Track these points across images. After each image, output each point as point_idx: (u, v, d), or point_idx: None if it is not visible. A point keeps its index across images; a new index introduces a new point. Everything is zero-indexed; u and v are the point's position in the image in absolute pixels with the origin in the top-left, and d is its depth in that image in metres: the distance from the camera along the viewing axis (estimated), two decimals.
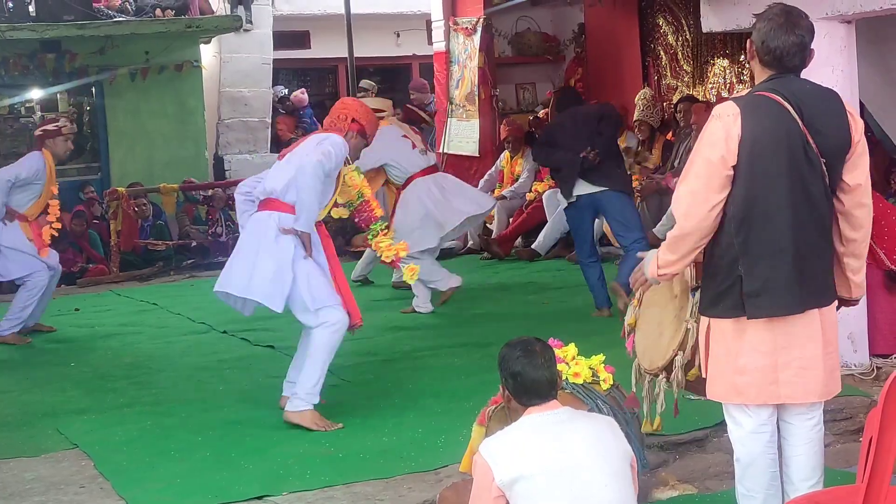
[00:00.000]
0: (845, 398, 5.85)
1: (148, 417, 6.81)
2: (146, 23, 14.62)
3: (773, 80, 4.17)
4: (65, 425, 6.71)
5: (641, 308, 4.73)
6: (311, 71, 19.09)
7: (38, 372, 8.24)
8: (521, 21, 14.23)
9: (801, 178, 4.06)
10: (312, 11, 17.54)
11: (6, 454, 6.22)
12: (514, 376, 3.87)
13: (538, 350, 3.94)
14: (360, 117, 6.83)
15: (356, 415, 6.58)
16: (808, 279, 4.10)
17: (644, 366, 4.66)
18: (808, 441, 4.26)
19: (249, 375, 7.75)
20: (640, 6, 12.56)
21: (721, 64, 11.61)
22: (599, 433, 3.82)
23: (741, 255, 4.08)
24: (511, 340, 4.02)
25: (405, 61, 18.98)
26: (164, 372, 8.01)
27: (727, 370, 4.17)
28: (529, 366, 3.86)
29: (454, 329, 8.83)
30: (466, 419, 5.14)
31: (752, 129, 4.03)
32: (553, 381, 3.93)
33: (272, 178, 6.62)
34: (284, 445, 6.08)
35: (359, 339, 8.55)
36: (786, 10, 4.20)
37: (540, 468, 3.67)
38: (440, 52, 14.16)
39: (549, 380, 3.90)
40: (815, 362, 4.14)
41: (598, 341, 5.46)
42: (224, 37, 16.29)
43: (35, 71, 14.24)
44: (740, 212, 4.06)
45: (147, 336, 9.35)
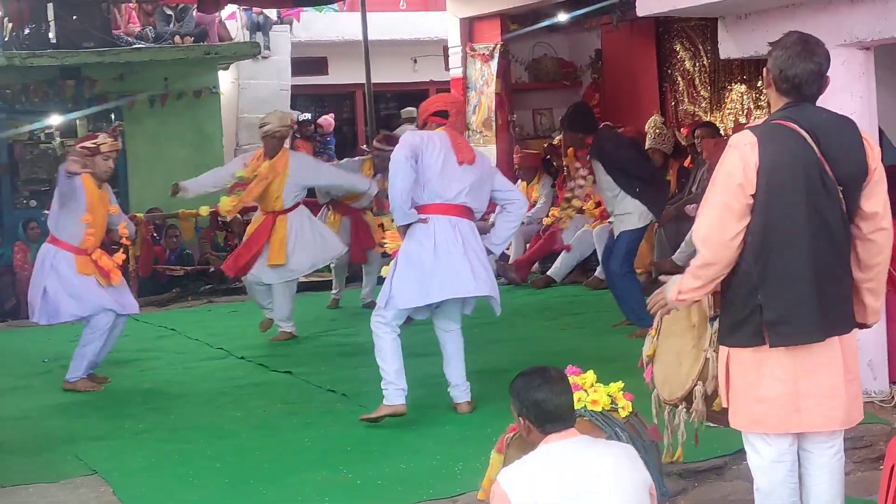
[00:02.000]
0: (865, 426, 5.81)
1: (166, 443, 6.82)
2: (165, 49, 14.72)
3: (789, 109, 4.17)
4: (83, 451, 6.71)
5: (660, 338, 4.72)
6: (329, 97, 19.17)
7: (56, 397, 8.25)
8: (538, 47, 14.28)
9: (818, 207, 4.06)
10: (330, 38, 17.64)
11: (25, 480, 6.22)
12: (535, 404, 3.86)
13: (555, 376, 3.94)
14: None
15: (374, 441, 6.58)
16: (828, 307, 4.10)
17: (664, 396, 4.64)
18: (828, 470, 4.24)
19: (267, 401, 7.75)
20: (657, 32, 12.59)
21: (738, 90, 11.63)
22: (618, 461, 3.81)
23: (760, 284, 4.07)
24: (525, 370, 4.01)
25: (422, 87, 19.03)
26: (183, 398, 8.02)
27: (747, 399, 4.16)
28: (551, 392, 3.85)
29: (470, 355, 8.76)
30: (484, 446, 5.13)
31: (770, 158, 4.03)
32: (572, 406, 3.93)
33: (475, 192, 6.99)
34: (302, 472, 6.07)
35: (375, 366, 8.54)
36: (803, 39, 4.20)
37: (558, 497, 3.66)
38: (457, 78, 14.21)
39: (569, 405, 3.90)
40: (836, 390, 4.12)
41: (616, 368, 5.44)
42: (242, 63, 16.39)
43: (55, 97, 14.33)
44: (758, 240, 4.06)
45: (165, 362, 9.36)
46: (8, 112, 14.36)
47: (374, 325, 7.03)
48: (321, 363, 8.85)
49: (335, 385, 7.99)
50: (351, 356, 9.10)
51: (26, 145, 14.98)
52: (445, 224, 6.91)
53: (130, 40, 14.83)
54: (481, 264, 6.96)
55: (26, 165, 14.88)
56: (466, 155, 6.97)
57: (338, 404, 7.54)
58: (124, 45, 14.51)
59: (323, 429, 6.93)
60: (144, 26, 15.43)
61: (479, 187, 7.03)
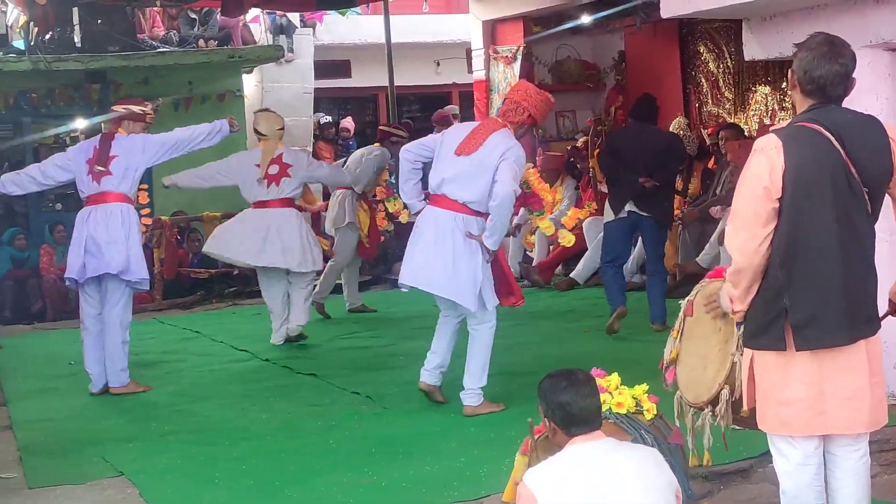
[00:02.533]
0: (891, 428, 5.75)
1: (192, 445, 6.85)
2: (189, 53, 14.79)
3: (814, 111, 4.15)
4: (110, 453, 6.75)
5: (682, 341, 4.70)
6: (352, 100, 19.20)
7: (83, 399, 8.30)
8: (562, 49, 14.26)
9: (844, 208, 4.05)
10: (353, 41, 17.67)
11: (52, 482, 6.26)
12: (561, 406, 3.86)
13: (582, 379, 3.94)
14: (536, 112, 7.15)
15: (398, 443, 6.59)
16: (855, 309, 4.08)
17: (688, 399, 4.64)
18: (854, 473, 4.23)
19: (292, 404, 7.77)
20: (680, 34, 12.57)
21: (763, 91, 11.60)
22: (643, 464, 3.80)
23: (786, 288, 4.06)
24: (551, 372, 4.02)
25: (445, 90, 19.06)
26: (208, 400, 8.05)
27: (772, 402, 4.15)
28: (577, 394, 3.86)
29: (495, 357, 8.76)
30: (509, 448, 5.13)
31: (795, 161, 4.02)
32: (599, 408, 3.93)
33: (461, 184, 6.97)
34: (328, 474, 6.09)
35: (399, 368, 8.60)
36: (828, 40, 4.19)
37: (584, 498, 3.66)
38: (480, 81, 14.21)
39: (596, 407, 3.90)
40: (861, 392, 4.11)
41: (640, 370, 5.43)
42: (266, 66, 16.43)
43: (80, 101, 14.41)
44: (785, 243, 4.05)
45: (190, 364, 9.39)
46: (33, 116, 14.44)
47: None
48: (345, 366, 8.88)
49: (359, 387, 8.01)
50: (375, 359, 9.12)
51: (52, 149, 15.00)
52: (427, 214, 7.18)
53: (155, 44, 14.90)
54: (449, 262, 6.98)
55: None
56: (467, 147, 6.98)
57: (362, 406, 7.56)
58: (149, 48, 14.59)
59: (348, 431, 6.95)
60: (169, 30, 15.50)
61: (469, 179, 6.95)
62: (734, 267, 4.15)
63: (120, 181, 8.20)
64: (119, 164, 8.20)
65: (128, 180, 8.23)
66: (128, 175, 8.23)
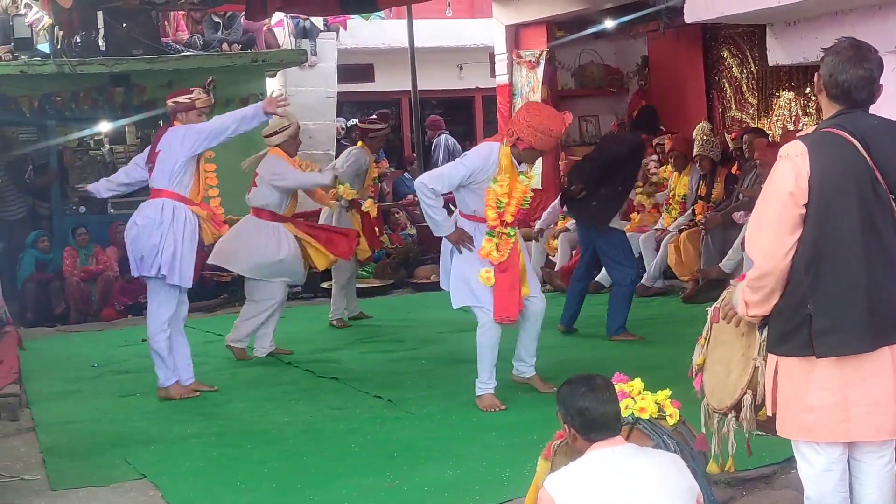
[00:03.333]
0: None
1: (214, 448, 6.87)
2: (213, 57, 14.81)
3: (839, 116, 4.14)
4: (133, 455, 6.78)
5: (709, 347, 4.70)
6: (375, 104, 19.20)
7: (105, 402, 8.34)
8: (585, 53, 14.26)
9: (869, 215, 4.03)
10: (376, 45, 17.68)
11: (75, 483, 6.30)
12: (581, 412, 3.86)
13: (601, 384, 3.94)
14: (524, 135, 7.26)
15: (419, 447, 6.60)
16: (879, 316, 4.06)
17: (713, 405, 4.62)
18: (879, 480, 4.20)
19: (314, 407, 7.78)
20: (704, 39, 12.55)
21: (786, 96, 11.57)
22: (664, 469, 3.80)
23: (811, 294, 4.04)
24: (570, 378, 4.02)
25: (468, 94, 19.06)
26: (231, 403, 8.07)
27: (796, 408, 4.13)
28: (596, 400, 3.86)
29: None
30: (531, 453, 5.13)
31: (821, 168, 4.01)
32: (618, 414, 3.93)
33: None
34: (349, 477, 6.10)
35: (421, 372, 8.61)
36: (855, 45, 4.18)
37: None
38: (503, 85, 14.22)
39: (615, 413, 3.90)
40: (886, 399, 4.09)
41: (663, 375, 5.42)
42: (289, 70, 16.45)
43: (104, 104, 14.44)
44: (810, 250, 4.03)
45: (213, 367, 9.41)
46: (58, 119, 14.48)
47: None
48: (367, 370, 8.89)
49: (381, 391, 8.01)
50: (397, 363, 9.13)
51: (75, 152, 15.09)
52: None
53: (179, 48, 14.95)
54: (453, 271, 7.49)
55: (75, 172, 14.99)
56: None
57: (384, 410, 7.56)
58: (173, 52, 14.62)
59: (370, 434, 6.96)
60: (193, 34, 15.54)
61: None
62: (758, 272, 4.13)
63: (161, 175, 8.19)
64: (161, 159, 8.21)
65: (166, 174, 8.17)
66: (165, 169, 8.17)
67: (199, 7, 14.51)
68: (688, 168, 11.69)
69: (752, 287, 4.18)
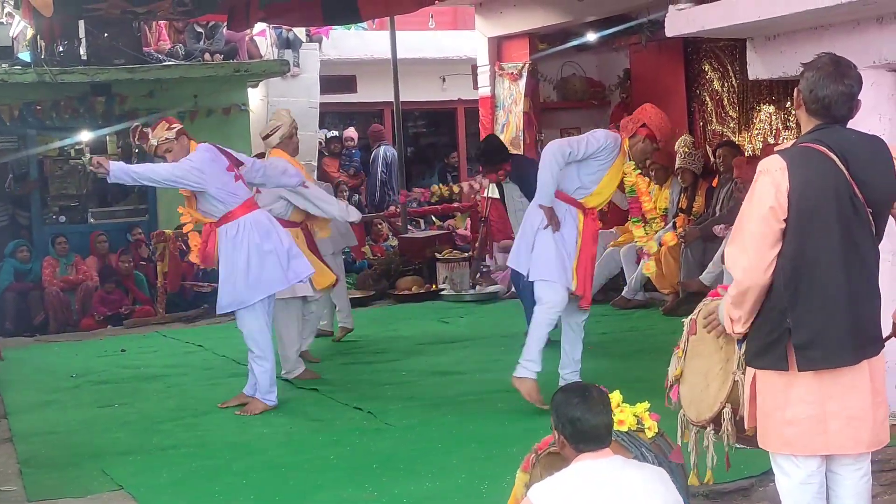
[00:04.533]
0: (892, 449, 5.76)
1: (193, 460, 6.85)
2: (195, 67, 14.82)
3: (818, 131, 4.16)
4: (110, 466, 6.75)
5: (686, 359, 4.70)
6: (358, 115, 19.22)
7: (84, 413, 8.30)
8: (567, 66, 14.28)
9: (848, 229, 4.05)
10: (359, 56, 17.69)
11: (52, 495, 6.27)
12: (572, 422, 3.86)
13: (595, 396, 3.94)
14: (651, 124, 7.66)
15: (399, 459, 6.59)
16: (858, 330, 4.08)
17: (691, 417, 4.63)
18: (856, 492, 4.22)
19: (293, 418, 7.77)
20: (685, 52, 12.58)
21: (767, 110, 11.60)
22: (650, 484, 3.80)
23: (790, 308, 4.06)
24: (566, 385, 4.03)
25: (450, 106, 19.07)
26: (210, 414, 8.05)
27: (775, 421, 4.14)
28: (588, 411, 3.85)
29: (499, 374, 8.79)
30: (510, 465, 5.13)
31: (800, 182, 4.02)
32: (610, 427, 3.92)
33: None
34: (328, 489, 6.09)
35: (403, 384, 8.60)
36: (835, 60, 4.19)
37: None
38: (485, 97, 14.23)
39: (606, 425, 3.90)
40: (864, 412, 4.11)
41: (642, 388, 5.42)
42: (271, 81, 16.45)
43: (85, 113, 14.42)
44: (789, 265, 4.05)
45: (193, 378, 9.39)
46: (38, 128, 14.46)
47: None
48: (348, 381, 8.87)
49: (361, 402, 8.00)
50: (378, 374, 9.11)
51: (56, 161, 15.08)
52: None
53: (161, 57, 14.93)
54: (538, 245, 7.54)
55: (56, 181, 14.99)
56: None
57: (364, 422, 7.55)
58: (154, 62, 14.61)
59: (349, 446, 6.95)
60: (175, 44, 15.53)
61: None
62: (738, 288, 4.14)
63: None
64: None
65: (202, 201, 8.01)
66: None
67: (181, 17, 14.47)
68: (669, 181, 11.72)
69: (734, 303, 4.19)
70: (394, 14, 13.66)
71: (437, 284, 13.34)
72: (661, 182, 11.74)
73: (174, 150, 7.88)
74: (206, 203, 7.91)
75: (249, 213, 7.92)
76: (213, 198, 7.84)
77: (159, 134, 7.89)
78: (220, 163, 7.90)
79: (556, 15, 12.76)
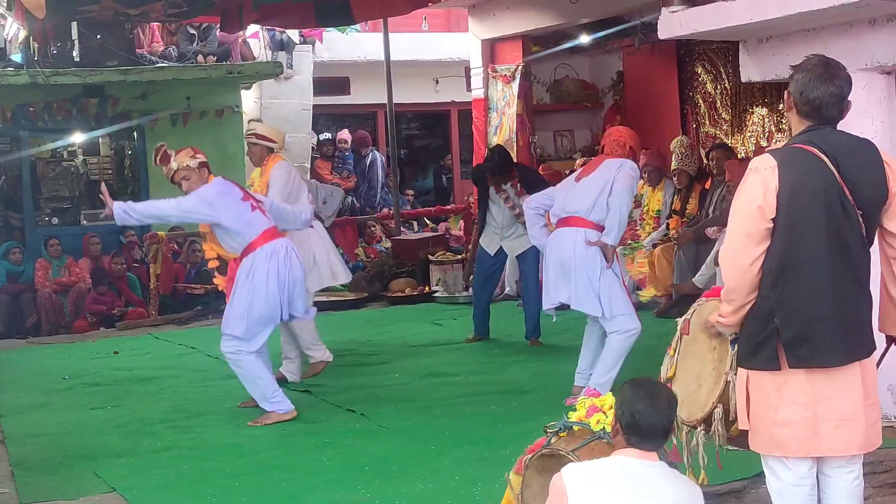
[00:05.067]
0: (885, 451, 5.77)
1: (185, 461, 6.83)
2: (188, 69, 14.81)
3: (809, 132, 4.17)
4: (103, 468, 6.73)
5: (679, 358, 4.71)
6: (351, 117, 19.22)
7: (76, 415, 8.29)
8: (560, 68, 14.30)
9: (838, 231, 4.06)
10: (353, 58, 17.69)
11: (45, 497, 6.25)
12: (632, 413, 3.85)
13: (663, 395, 3.93)
14: (634, 144, 7.99)
15: (392, 461, 6.58)
16: (848, 331, 4.09)
17: (682, 417, 4.64)
18: (847, 495, 4.22)
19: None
20: (678, 54, 12.60)
21: (760, 112, 11.62)
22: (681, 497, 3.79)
23: (777, 308, 4.07)
24: (639, 379, 4.02)
25: (444, 108, 19.08)
26: (202, 416, 8.04)
27: (767, 422, 4.15)
28: (652, 410, 3.85)
29: (491, 376, 8.82)
30: (503, 468, 5.13)
31: (790, 183, 4.03)
32: (668, 431, 3.91)
33: (575, 199, 7.69)
34: (321, 492, 6.08)
35: (396, 386, 8.59)
36: (824, 62, 4.21)
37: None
38: (479, 99, 14.24)
39: (665, 428, 3.88)
40: (856, 414, 4.11)
41: None
42: (265, 83, 16.45)
43: (78, 115, 14.40)
44: (777, 264, 4.06)
45: (185, 380, 9.38)
46: (31, 130, 14.45)
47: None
48: (340, 383, 8.86)
49: (354, 404, 7.99)
50: (369, 376, 9.11)
51: (48, 163, 15.07)
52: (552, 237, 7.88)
53: (154, 59, 14.92)
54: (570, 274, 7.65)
55: (48, 183, 14.97)
56: (586, 172, 7.85)
57: (356, 423, 7.54)
58: (147, 63, 14.60)
59: (341, 448, 6.93)
60: (168, 45, 15.52)
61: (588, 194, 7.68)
62: (727, 286, 4.18)
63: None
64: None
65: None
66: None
67: (174, 19, 14.47)
68: (661, 183, 11.73)
69: (725, 300, 4.22)
70: (387, 16, 13.66)
71: (431, 286, 13.35)
72: (654, 184, 11.75)
73: (192, 179, 7.76)
74: (225, 236, 7.73)
75: (268, 243, 7.64)
76: (230, 229, 7.68)
77: (182, 160, 7.80)
78: (234, 194, 7.75)
79: (549, 17, 12.78)
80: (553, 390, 7.94)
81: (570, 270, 7.58)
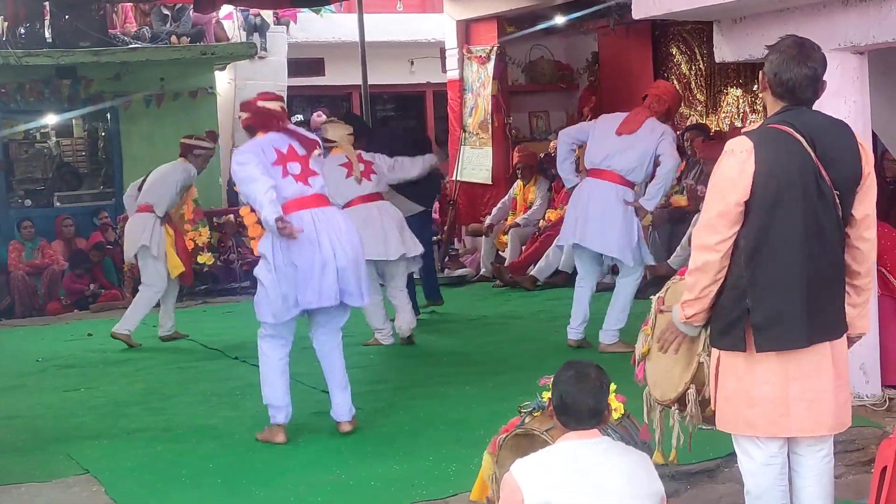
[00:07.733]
0: (857, 429, 5.82)
1: (159, 443, 6.82)
2: (161, 49, 14.71)
3: (785, 113, 4.16)
4: (76, 450, 6.72)
5: (654, 337, 4.71)
6: (326, 98, 19.15)
7: (49, 397, 8.26)
8: (535, 49, 14.29)
9: (813, 211, 4.06)
10: (327, 39, 17.61)
11: (17, 479, 6.23)
12: (560, 395, 3.86)
13: (591, 376, 3.90)
14: (673, 106, 8.76)
15: (367, 442, 6.59)
16: (818, 313, 4.09)
17: (656, 396, 4.65)
18: (818, 473, 4.24)
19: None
20: (653, 35, 12.61)
21: (734, 93, 11.65)
22: (633, 470, 3.78)
23: (750, 288, 4.07)
24: (571, 361, 4.01)
25: (419, 89, 19.04)
26: (176, 398, 8.02)
27: (738, 402, 4.16)
28: (576, 389, 3.83)
29: (466, 357, 8.83)
30: (478, 447, 5.13)
31: (766, 164, 4.03)
32: (598, 411, 3.86)
33: (618, 157, 8.30)
34: (295, 472, 6.08)
35: (371, 367, 8.59)
36: (798, 42, 4.20)
37: (569, 499, 3.65)
38: (454, 80, 14.22)
39: (591, 408, 3.84)
40: (826, 395, 4.13)
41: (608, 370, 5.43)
42: (239, 64, 16.36)
43: (50, 97, 14.30)
44: (751, 244, 4.06)
45: (159, 361, 9.36)
46: (3, 111, 14.34)
47: None
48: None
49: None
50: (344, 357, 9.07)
51: (21, 144, 14.98)
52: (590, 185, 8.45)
53: (127, 40, 14.80)
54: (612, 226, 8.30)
55: (21, 165, 14.89)
56: (628, 127, 8.36)
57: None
58: (120, 44, 14.49)
59: (316, 430, 6.93)
60: (141, 26, 15.40)
61: (629, 153, 8.29)
62: (694, 265, 4.15)
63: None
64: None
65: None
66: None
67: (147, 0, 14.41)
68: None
69: (689, 285, 4.19)
70: None
71: None
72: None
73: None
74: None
75: (295, 212, 6.56)
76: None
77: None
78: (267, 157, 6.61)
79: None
80: (528, 371, 7.94)
81: (609, 223, 8.23)
